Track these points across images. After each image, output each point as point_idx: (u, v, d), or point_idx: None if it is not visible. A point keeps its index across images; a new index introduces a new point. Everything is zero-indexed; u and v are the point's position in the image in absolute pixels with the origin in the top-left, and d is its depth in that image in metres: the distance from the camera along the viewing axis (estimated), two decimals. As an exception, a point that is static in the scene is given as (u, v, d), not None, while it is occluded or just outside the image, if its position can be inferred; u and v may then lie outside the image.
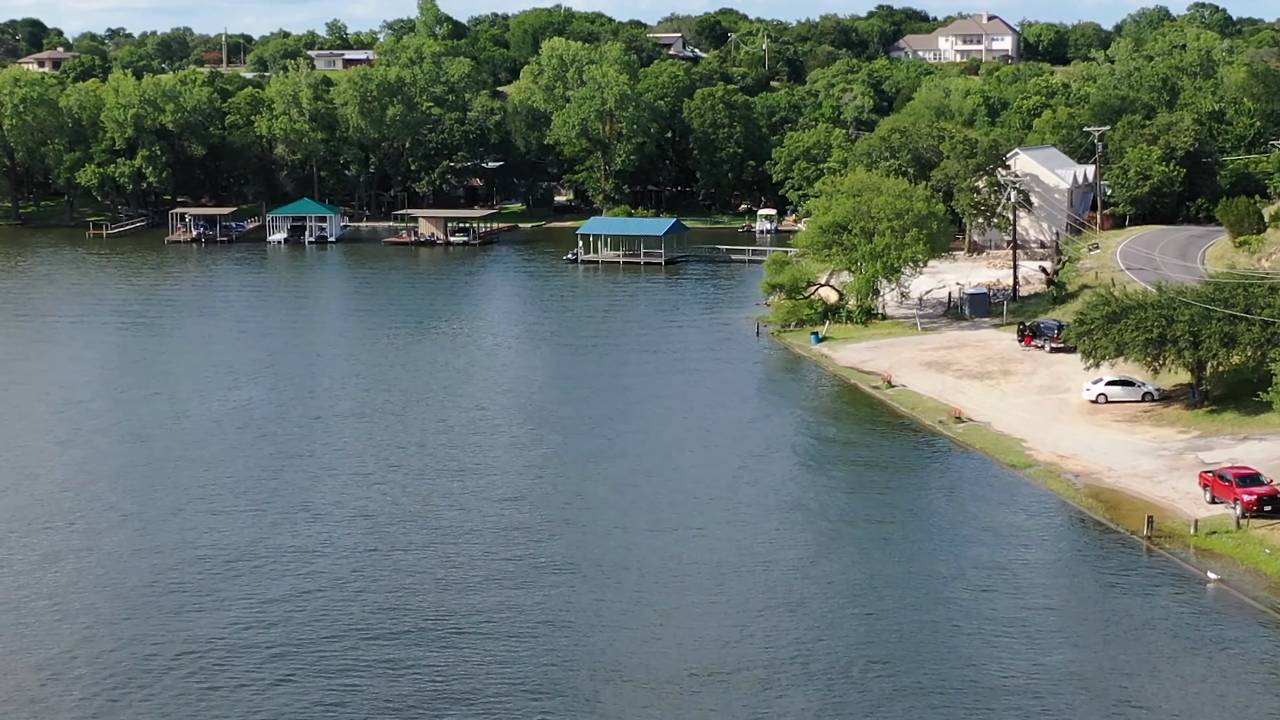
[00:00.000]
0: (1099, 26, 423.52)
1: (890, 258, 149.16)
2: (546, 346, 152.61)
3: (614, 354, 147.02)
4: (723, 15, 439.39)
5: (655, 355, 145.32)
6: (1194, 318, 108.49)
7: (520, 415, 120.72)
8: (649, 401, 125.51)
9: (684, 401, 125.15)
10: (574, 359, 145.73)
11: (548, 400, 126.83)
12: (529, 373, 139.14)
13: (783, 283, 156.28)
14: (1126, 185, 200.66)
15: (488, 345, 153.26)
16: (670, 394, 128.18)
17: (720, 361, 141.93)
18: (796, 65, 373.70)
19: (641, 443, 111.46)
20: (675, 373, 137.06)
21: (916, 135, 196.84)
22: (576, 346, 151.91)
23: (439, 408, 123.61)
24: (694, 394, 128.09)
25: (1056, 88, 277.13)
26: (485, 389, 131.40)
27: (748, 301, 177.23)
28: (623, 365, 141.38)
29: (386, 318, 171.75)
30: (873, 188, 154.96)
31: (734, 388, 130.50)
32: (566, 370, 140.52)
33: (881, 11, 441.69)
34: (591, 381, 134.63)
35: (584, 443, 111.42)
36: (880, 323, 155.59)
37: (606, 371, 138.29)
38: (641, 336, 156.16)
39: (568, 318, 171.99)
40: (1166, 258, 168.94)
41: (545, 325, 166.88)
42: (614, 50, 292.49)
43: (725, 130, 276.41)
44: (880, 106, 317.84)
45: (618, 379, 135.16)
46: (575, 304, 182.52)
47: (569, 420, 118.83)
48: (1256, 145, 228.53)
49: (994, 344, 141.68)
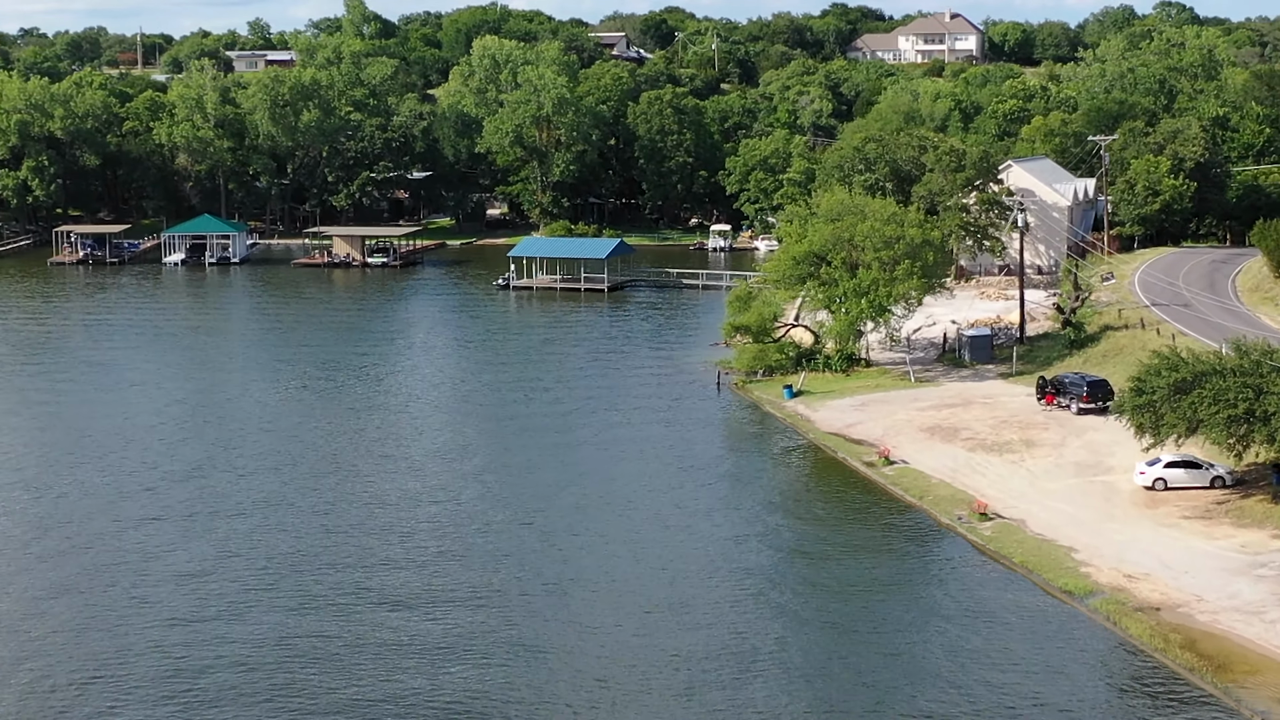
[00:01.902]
0: (1067, 26, 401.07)
1: (878, 295, 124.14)
2: (465, 408, 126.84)
3: (546, 415, 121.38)
4: (669, 14, 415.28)
5: (594, 417, 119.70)
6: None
7: (422, 510, 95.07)
8: (582, 483, 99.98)
9: (627, 484, 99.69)
10: (496, 422, 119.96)
11: (458, 484, 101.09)
12: (440, 445, 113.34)
13: (748, 324, 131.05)
14: (1134, 202, 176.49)
15: (396, 405, 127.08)
16: (610, 473, 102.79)
17: (673, 425, 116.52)
18: (748, 66, 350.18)
19: (562, 560, 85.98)
20: (617, 443, 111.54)
21: (894, 145, 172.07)
22: (501, 404, 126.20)
23: (320, 505, 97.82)
24: (639, 472, 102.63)
25: (1034, 90, 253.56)
26: (382, 481, 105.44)
27: (704, 337, 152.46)
28: (555, 431, 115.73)
29: (278, 370, 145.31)
30: (855, 211, 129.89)
31: (690, 463, 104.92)
32: (487, 438, 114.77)
33: (837, 10, 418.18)
34: (515, 454, 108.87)
35: (504, 540, 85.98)
36: (864, 371, 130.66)
37: (535, 443, 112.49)
38: (579, 389, 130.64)
39: (493, 361, 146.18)
40: (1194, 289, 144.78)
41: (467, 373, 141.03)
42: (551, 50, 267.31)
43: (674, 137, 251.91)
44: (840, 111, 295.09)
45: (547, 452, 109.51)
46: (503, 344, 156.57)
47: (484, 511, 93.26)
48: (1266, 154, 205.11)
49: (1006, 401, 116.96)
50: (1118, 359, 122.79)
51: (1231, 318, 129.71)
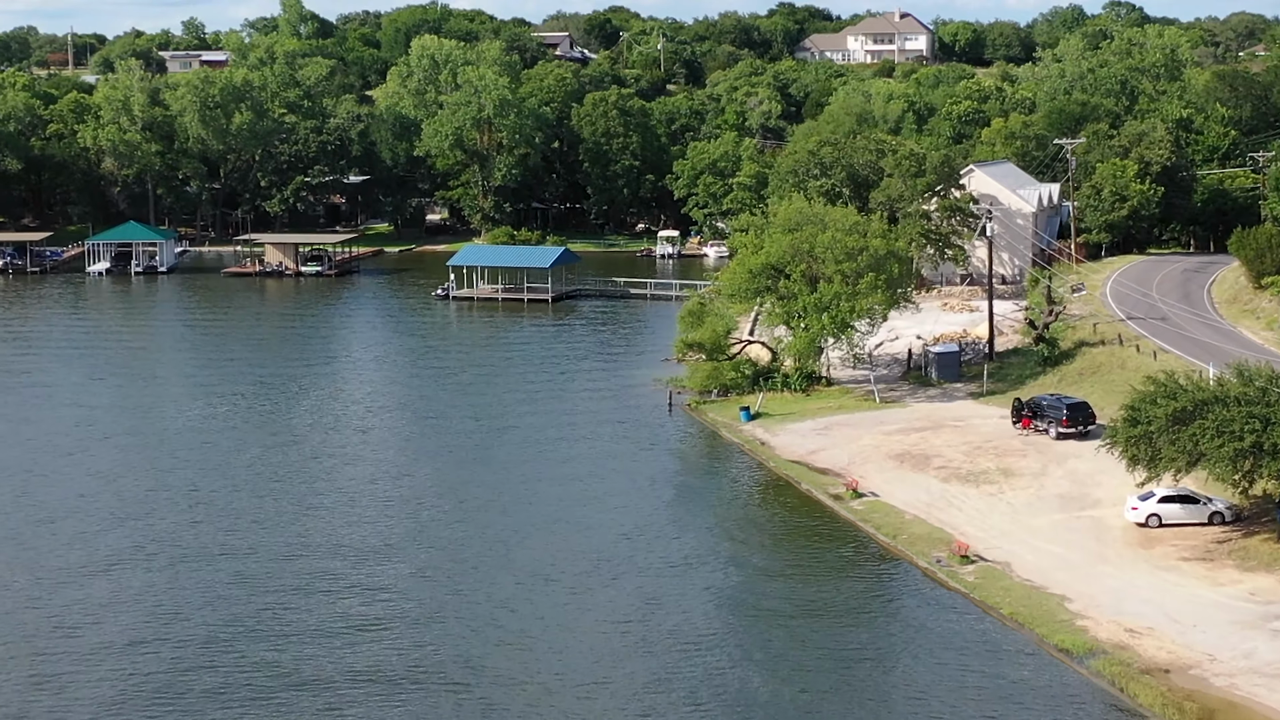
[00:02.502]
0: (1018, 26, 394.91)
1: (840, 310, 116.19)
2: (398, 432, 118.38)
3: (482, 441, 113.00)
4: (613, 13, 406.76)
5: (535, 443, 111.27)
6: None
7: (350, 549, 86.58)
8: (522, 517, 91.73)
9: (569, 524, 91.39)
10: (431, 448, 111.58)
11: (386, 521, 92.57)
12: (372, 474, 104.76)
13: (701, 341, 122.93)
14: (1100, 208, 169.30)
15: (325, 428, 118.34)
16: (552, 510, 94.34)
17: (621, 453, 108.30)
18: (695, 67, 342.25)
19: (496, 610, 77.70)
20: (557, 476, 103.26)
21: (851, 149, 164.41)
22: (436, 427, 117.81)
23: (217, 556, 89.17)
24: (583, 508, 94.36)
25: (989, 91, 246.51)
26: (309, 519, 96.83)
27: (653, 352, 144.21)
28: (494, 460, 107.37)
29: (198, 390, 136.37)
30: (815, 220, 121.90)
31: (639, 497, 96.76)
32: (421, 466, 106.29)
33: (784, 10, 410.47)
34: (450, 486, 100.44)
35: (433, 590, 77.63)
36: (825, 390, 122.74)
37: (469, 476, 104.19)
38: (520, 411, 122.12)
39: (431, 379, 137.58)
40: (1169, 301, 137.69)
41: (402, 393, 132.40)
42: (493, 50, 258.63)
43: (619, 140, 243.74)
44: (789, 112, 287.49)
45: (484, 484, 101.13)
46: (441, 360, 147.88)
47: (412, 555, 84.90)
48: (1231, 157, 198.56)
49: (978, 424, 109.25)
50: (1095, 378, 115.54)
51: (1212, 332, 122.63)
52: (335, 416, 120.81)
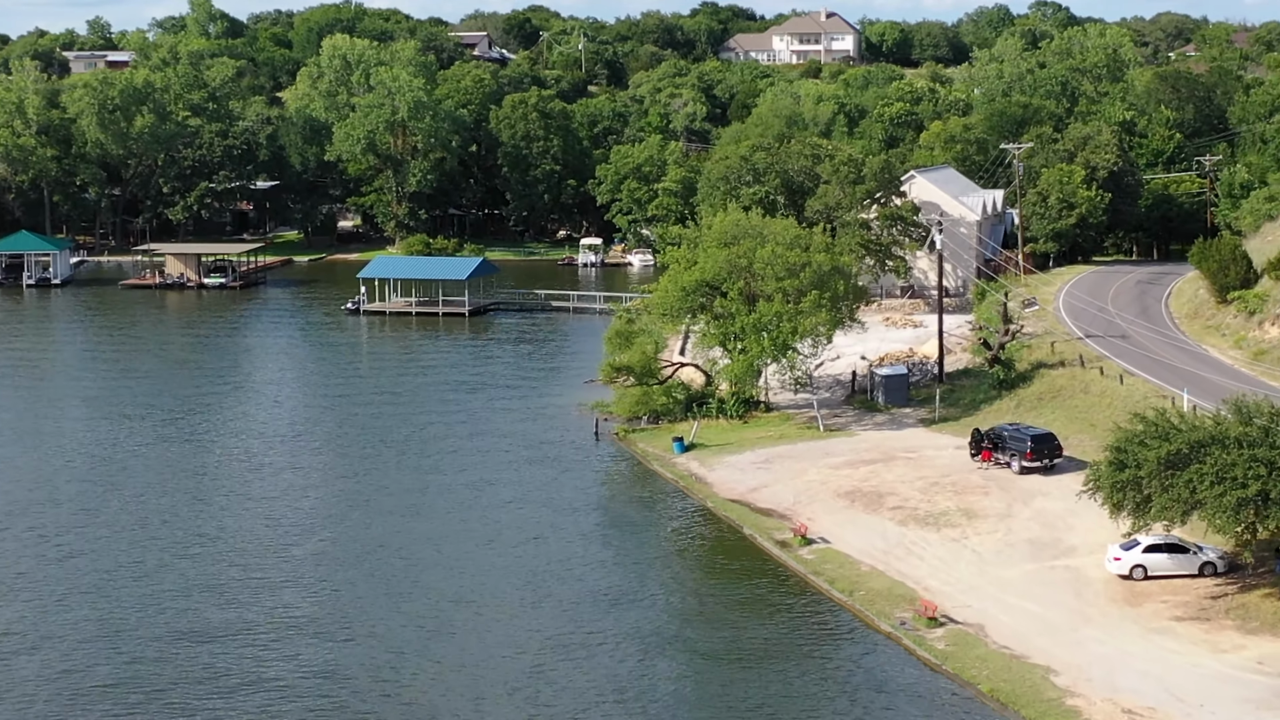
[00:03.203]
0: (946, 25, 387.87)
1: (781, 331, 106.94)
2: (302, 465, 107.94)
3: (390, 473, 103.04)
4: (533, 12, 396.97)
5: (447, 477, 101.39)
6: (1313, 464, 67.88)
7: (248, 592, 76.43)
8: (426, 561, 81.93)
9: (478, 567, 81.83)
10: (334, 482, 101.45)
11: (285, 564, 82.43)
12: (272, 515, 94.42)
13: (630, 364, 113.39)
14: (1047, 215, 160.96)
15: (222, 458, 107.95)
16: (460, 554, 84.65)
17: (542, 489, 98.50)
18: (617, 68, 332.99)
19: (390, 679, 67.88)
20: (472, 518, 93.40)
21: (786, 155, 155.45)
22: (341, 458, 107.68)
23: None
24: (499, 558, 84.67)
25: (922, 93, 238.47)
26: (206, 561, 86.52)
27: (577, 372, 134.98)
28: (400, 498, 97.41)
29: (88, 414, 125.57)
30: (753, 233, 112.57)
31: (561, 545, 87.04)
32: (322, 505, 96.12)
33: (708, 9, 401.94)
34: (349, 527, 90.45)
35: (318, 650, 67.68)
36: (764, 417, 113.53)
37: (372, 516, 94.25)
38: (432, 440, 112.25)
39: (336, 404, 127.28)
40: (1127, 316, 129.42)
41: (305, 420, 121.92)
42: (407, 50, 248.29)
43: (540, 143, 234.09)
44: (714, 114, 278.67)
45: (387, 523, 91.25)
46: (348, 382, 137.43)
47: (298, 598, 74.94)
48: (1176, 161, 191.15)
49: (933, 456, 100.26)
50: (1056, 403, 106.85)
51: (1177, 351, 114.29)
52: (229, 451, 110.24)
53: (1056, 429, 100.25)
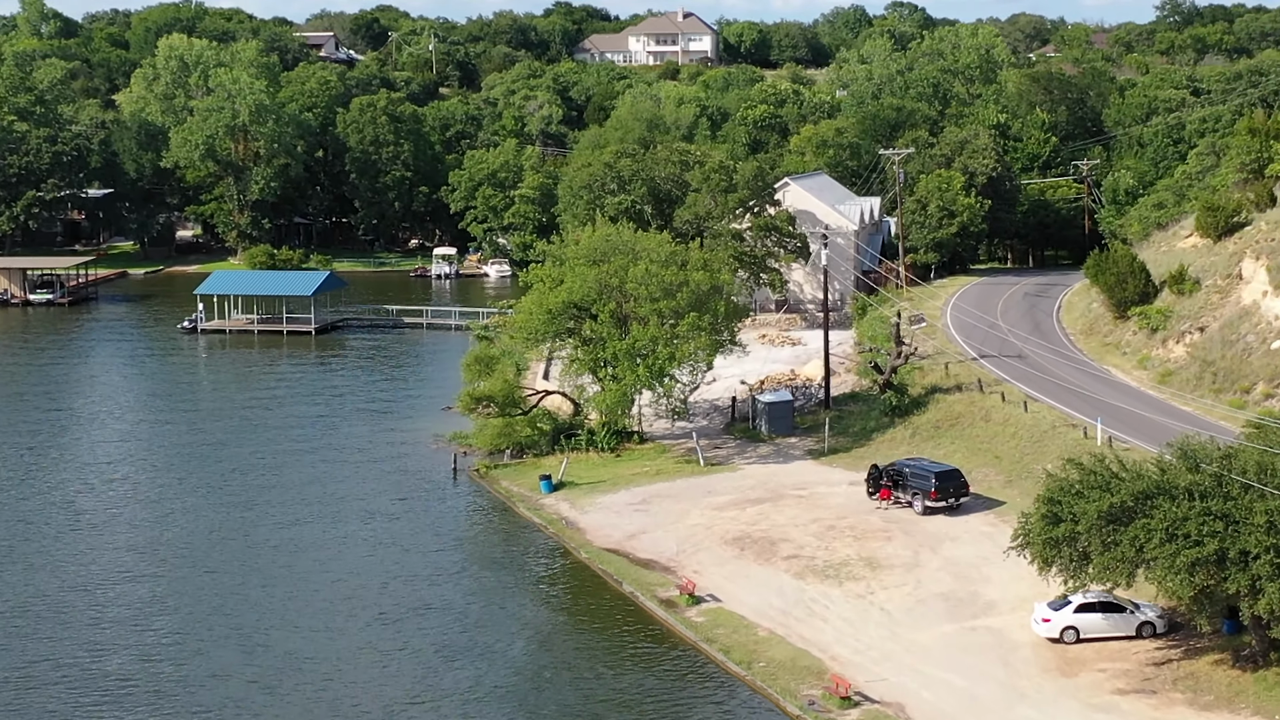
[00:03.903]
0: (804, 26, 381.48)
1: (657, 357, 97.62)
2: (124, 508, 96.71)
3: (224, 514, 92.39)
4: (381, 12, 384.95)
5: (286, 523, 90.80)
6: (1273, 521, 59.59)
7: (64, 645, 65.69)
8: (253, 618, 71.64)
9: (310, 636, 71.72)
10: (155, 527, 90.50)
11: (96, 612, 71.70)
12: (93, 564, 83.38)
13: (491, 394, 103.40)
14: (927, 224, 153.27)
15: (39, 503, 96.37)
16: (294, 614, 74.39)
17: (391, 539, 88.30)
18: (469, 69, 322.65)
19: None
20: (309, 572, 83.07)
21: (653, 162, 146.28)
22: (165, 504, 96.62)
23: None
24: (343, 613, 74.55)
25: (786, 95, 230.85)
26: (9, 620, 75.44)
27: (432, 397, 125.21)
28: (232, 545, 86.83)
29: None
30: (625, 249, 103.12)
31: (409, 607, 77.02)
32: (137, 554, 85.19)
33: (562, 9, 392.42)
34: (171, 582, 79.76)
35: None
36: (638, 448, 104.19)
37: (200, 567, 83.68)
38: (271, 476, 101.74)
39: (168, 436, 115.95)
40: (1019, 332, 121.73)
41: (131, 457, 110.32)
42: (249, 50, 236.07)
43: (389, 148, 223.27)
44: (570, 117, 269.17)
45: (219, 574, 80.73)
46: (182, 411, 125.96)
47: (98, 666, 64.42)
48: (1052, 166, 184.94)
49: (825, 494, 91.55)
50: (954, 432, 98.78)
51: (1079, 373, 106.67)
52: (46, 490, 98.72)
53: (958, 462, 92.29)
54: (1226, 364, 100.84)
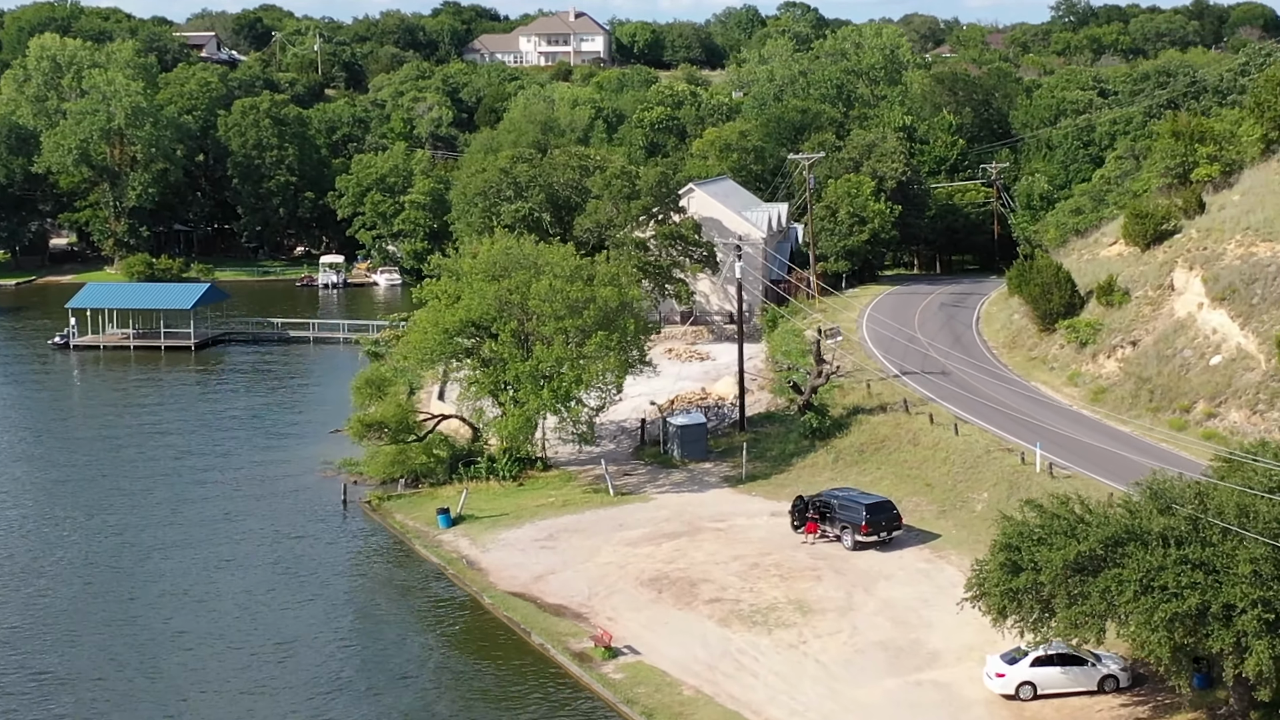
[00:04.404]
0: (698, 26, 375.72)
1: (563, 380, 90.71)
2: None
3: (85, 552, 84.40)
4: (265, 12, 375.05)
5: (153, 567, 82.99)
6: (1258, 570, 53.67)
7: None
8: (109, 689, 64.11)
9: (192, 703, 64.24)
10: (11, 573, 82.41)
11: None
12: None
13: (384, 419, 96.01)
14: (837, 231, 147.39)
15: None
16: (159, 671, 66.84)
17: (271, 580, 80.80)
18: (356, 70, 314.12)
19: None
20: (180, 622, 75.42)
21: (551, 167, 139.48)
22: (27, 536, 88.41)
23: None
24: (218, 674, 67.06)
25: (683, 97, 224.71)
26: None
27: (320, 418, 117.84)
28: (96, 588, 78.98)
29: None
30: (526, 264, 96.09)
31: (288, 671, 69.57)
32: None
33: (450, 8, 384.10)
34: (12, 633, 71.96)
35: None
36: (542, 475, 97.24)
37: (52, 620, 75.80)
38: (140, 509, 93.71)
39: (32, 463, 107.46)
40: (940, 346, 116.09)
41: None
42: (125, 51, 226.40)
43: (273, 152, 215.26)
44: (460, 119, 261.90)
45: (72, 625, 72.90)
46: (50, 434, 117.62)
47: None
48: (960, 169, 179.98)
49: (746, 526, 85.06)
50: (880, 457, 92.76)
51: (1008, 390, 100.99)
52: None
53: (886, 489, 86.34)
54: (1163, 381, 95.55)
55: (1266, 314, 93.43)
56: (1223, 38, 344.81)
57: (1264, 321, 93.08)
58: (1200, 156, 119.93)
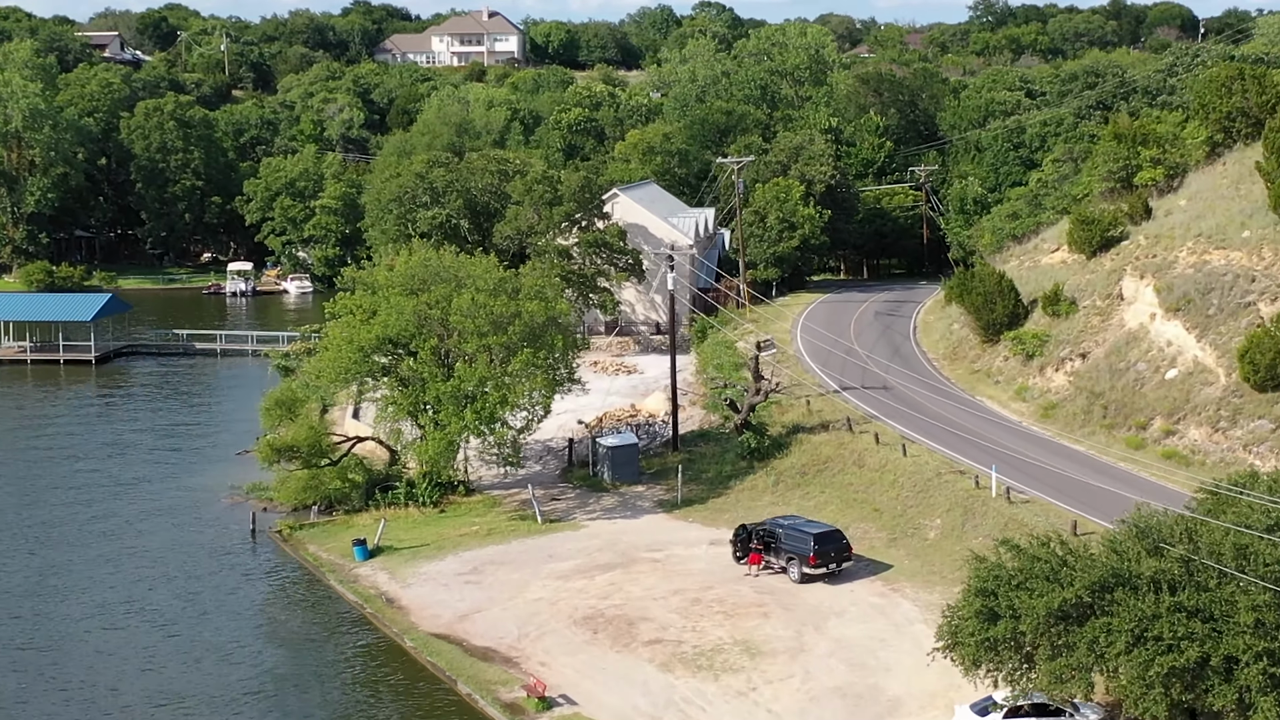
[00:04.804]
0: (612, 25, 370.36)
1: (487, 402, 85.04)
2: None
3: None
4: (170, 11, 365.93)
5: (44, 610, 76.68)
6: (1261, 618, 48.93)
7: None
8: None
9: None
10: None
11: None
12: None
13: (295, 443, 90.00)
14: (766, 237, 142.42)
15: None
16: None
17: (171, 622, 74.71)
18: (264, 71, 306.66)
19: None
20: (67, 673, 69.26)
21: (469, 171, 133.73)
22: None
23: None
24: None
25: (601, 98, 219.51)
26: None
27: (228, 437, 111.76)
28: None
29: None
30: (447, 276, 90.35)
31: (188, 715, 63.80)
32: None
33: (361, 8, 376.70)
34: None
35: None
36: (464, 501, 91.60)
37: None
38: (33, 540, 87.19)
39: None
40: (880, 358, 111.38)
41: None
42: (22, 51, 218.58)
43: (178, 155, 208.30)
44: (372, 121, 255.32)
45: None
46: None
47: None
48: (887, 172, 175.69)
49: (684, 556, 79.74)
50: (824, 480, 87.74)
51: (954, 406, 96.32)
52: None
53: (831, 515, 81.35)
54: (1117, 396, 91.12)
55: (1224, 325, 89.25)
56: (1140, 38, 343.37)
57: (1221, 333, 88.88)
58: (1143, 160, 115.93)
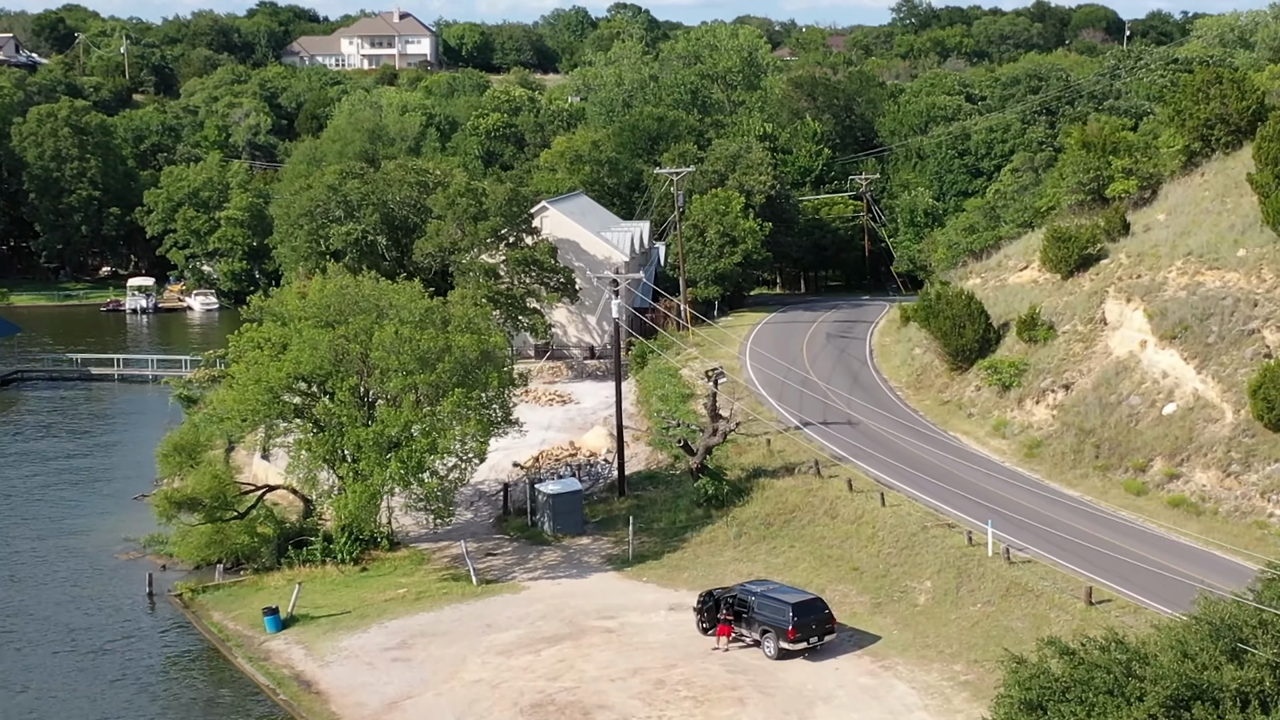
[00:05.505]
0: (527, 28, 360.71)
1: (415, 449, 75.21)
2: None
3: None
4: (68, 12, 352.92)
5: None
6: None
7: None
8: None
9: None
10: None
11: None
12: None
13: (197, 494, 79.82)
14: (706, 253, 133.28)
15: None
16: None
17: (48, 713, 64.61)
18: (166, 74, 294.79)
19: None
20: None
21: (385, 183, 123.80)
22: None
23: None
24: None
25: (521, 102, 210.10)
26: None
27: (124, 478, 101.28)
28: None
29: None
30: (367, 305, 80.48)
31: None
32: None
33: (266, 9, 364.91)
34: None
35: None
36: (388, 557, 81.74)
37: None
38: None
39: None
40: (839, 389, 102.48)
41: None
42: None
43: (74, 164, 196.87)
44: (280, 126, 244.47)
45: None
46: None
47: None
48: (826, 181, 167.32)
49: (639, 623, 70.29)
50: (792, 532, 78.65)
51: (930, 444, 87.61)
52: None
53: (804, 574, 72.38)
54: (1109, 433, 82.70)
55: (1226, 355, 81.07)
56: (1066, 40, 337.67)
57: (1224, 364, 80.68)
58: (1115, 171, 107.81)
